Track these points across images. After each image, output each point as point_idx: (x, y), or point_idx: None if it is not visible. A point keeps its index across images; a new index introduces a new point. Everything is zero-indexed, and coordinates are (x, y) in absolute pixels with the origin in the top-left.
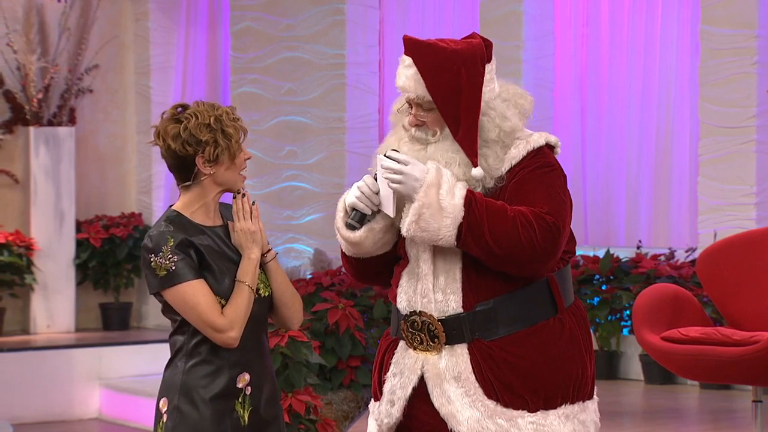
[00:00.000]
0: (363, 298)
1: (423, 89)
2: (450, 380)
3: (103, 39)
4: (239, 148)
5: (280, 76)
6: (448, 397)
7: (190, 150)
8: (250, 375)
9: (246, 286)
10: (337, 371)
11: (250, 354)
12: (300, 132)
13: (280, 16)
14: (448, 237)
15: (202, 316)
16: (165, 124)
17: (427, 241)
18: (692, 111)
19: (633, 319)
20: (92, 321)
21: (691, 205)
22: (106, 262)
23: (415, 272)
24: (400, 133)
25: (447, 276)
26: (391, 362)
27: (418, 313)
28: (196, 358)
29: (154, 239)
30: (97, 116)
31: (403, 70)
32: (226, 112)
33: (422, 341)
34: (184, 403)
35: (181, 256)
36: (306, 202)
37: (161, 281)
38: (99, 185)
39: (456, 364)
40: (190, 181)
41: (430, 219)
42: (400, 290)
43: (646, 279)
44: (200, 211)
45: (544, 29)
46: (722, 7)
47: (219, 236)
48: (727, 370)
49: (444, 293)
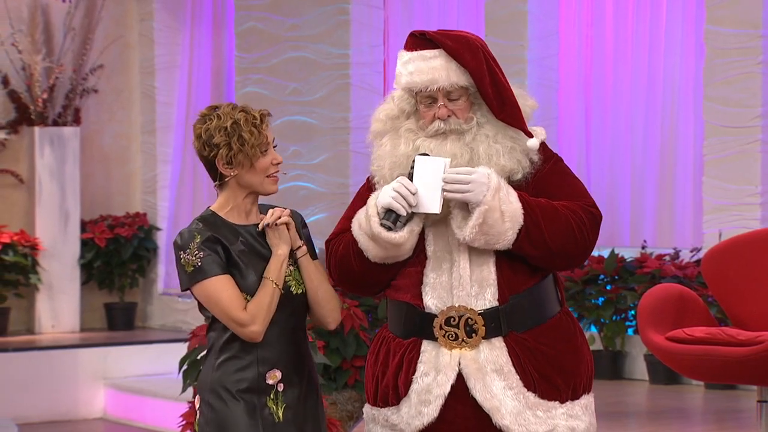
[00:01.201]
0: (368, 298)
1: (457, 75)
2: (492, 374)
3: (108, 39)
4: (258, 153)
5: (285, 76)
6: (491, 390)
7: (207, 151)
8: (282, 372)
9: (270, 281)
10: (341, 371)
11: (283, 351)
12: (304, 132)
13: (285, 16)
14: (508, 240)
15: (225, 310)
16: (195, 123)
17: (483, 244)
18: (697, 111)
19: (638, 319)
20: (97, 321)
21: (696, 205)
22: (110, 262)
23: (443, 268)
24: (407, 136)
25: (482, 269)
26: (419, 363)
27: (456, 308)
28: (226, 353)
29: (183, 237)
30: (102, 116)
31: (424, 64)
32: (251, 116)
33: (457, 337)
34: (214, 399)
35: (207, 253)
36: (311, 202)
37: (189, 277)
38: (104, 185)
39: (497, 357)
40: (218, 181)
41: (494, 223)
42: (427, 289)
43: (650, 279)
44: (234, 211)
45: (548, 29)
46: (727, 7)
47: (252, 234)
48: (732, 371)
49: (480, 286)
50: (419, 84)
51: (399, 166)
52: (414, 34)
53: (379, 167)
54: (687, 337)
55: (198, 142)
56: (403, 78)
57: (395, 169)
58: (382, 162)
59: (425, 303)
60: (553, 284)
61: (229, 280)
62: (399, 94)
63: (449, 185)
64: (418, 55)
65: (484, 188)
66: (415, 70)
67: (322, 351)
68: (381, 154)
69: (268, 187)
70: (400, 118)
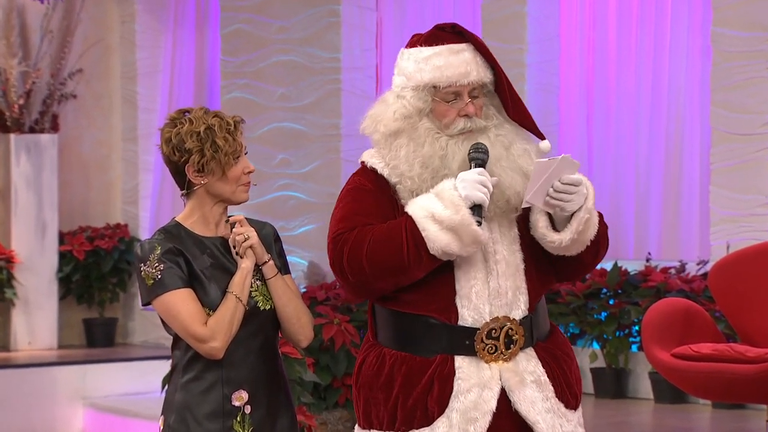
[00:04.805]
0: (359, 313)
1: (483, 71)
2: (531, 385)
3: (88, 42)
4: (231, 161)
5: (273, 80)
6: (532, 402)
7: (178, 156)
8: (249, 393)
9: (233, 295)
10: (332, 389)
11: (250, 370)
12: (293, 139)
13: (273, 18)
14: (584, 246)
15: (184, 325)
16: (163, 127)
17: (565, 248)
18: (703, 117)
19: (642, 335)
20: (75, 337)
21: (703, 216)
22: (90, 276)
23: (477, 277)
24: (430, 135)
25: (515, 276)
26: (456, 380)
27: (498, 320)
28: (190, 373)
29: (143, 248)
30: (81, 123)
31: (454, 57)
32: (224, 122)
33: (496, 349)
34: (177, 423)
35: (168, 265)
36: (300, 213)
37: (149, 291)
38: (83, 195)
39: (534, 368)
40: (185, 189)
41: (585, 230)
42: (463, 301)
43: (655, 293)
44: (200, 221)
45: (548, 31)
46: (735, 8)
47: (217, 247)
48: (741, 389)
49: (515, 294)
50: (449, 78)
51: (430, 166)
52: (440, 27)
53: (409, 167)
54: (693, 353)
55: (167, 147)
56: (426, 73)
57: (426, 170)
58: (409, 162)
59: (461, 315)
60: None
61: (190, 294)
62: (412, 92)
63: (558, 193)
64: (446, 48)
65: (582, 198)
66: (445, 63)
67: (312, 368)
68: (404, 154)
69: (240, 196)
70: (414, 117)
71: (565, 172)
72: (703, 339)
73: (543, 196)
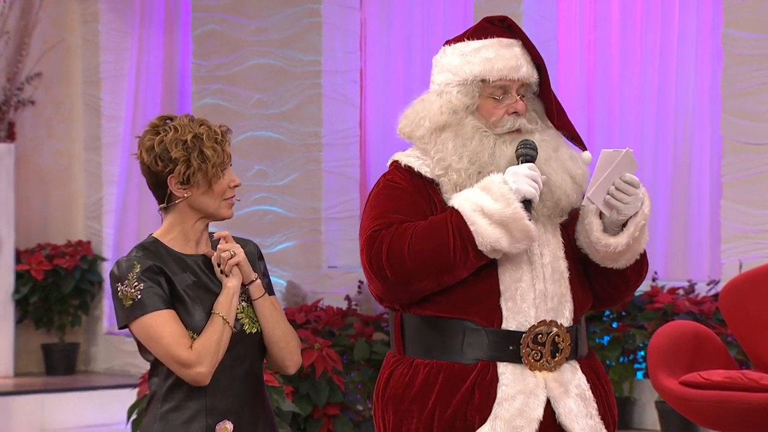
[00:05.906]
0: (342, 338)
1: (533, 70)
2: (576, 398)
3: (47, 44)
4: (219, 173)
5: (248, 85)
6: (576, 415)
7: (161, 166)
8: (235, 423)
9: (219, 317)
10: (312, 420)
11: (235, 399)
12: (271, 149)
13: (249, 18)
14: (637, 255)
15: (167, 348)
16: (144, 135)
17: (616, 256)
18: (714, 126)
19: (648, 361)
20: (33, 364)
21: (714, 232)
22: (49, 298)
23: (523, 279)
24: (478, 132)
25: (560, 283)
26: (499, 386)
27: (546, 323)
28: (171, 402)
29: (121, 267)
30: (40, 131)
31: (506, 51)
32: (212, 131)
33: (541, 356)
34: None
35: (148, 284)
36: (278, 229)
37: (127, 313)
38: (41, 210)
39: (579, 381)
40: (165, 203)
41: (644, 235)
42: (509, 303)
43: (662, 315)
44: (180, 237)
45: (546, 33)
46: (747, 9)
47: (199, 265)
48: (755, 420)
49: (560, 300)
50: (500, 71)
51: (477, 161)
52: (489, 20)
53: (458, 158)
54: (703, 381)
55: (148, 156)
56: (475, 66)
57: (474, 165)
58: (458, 154)
59: (505, 318)
60: None
61: (173, 316)
62: (458, 88)
63: (618, 192)
64: (496, 41)
65: (638, 202)
66: (496, 56)
67: (291, 397)
68: (452, 147)
69: (224, 211)
70: (461, 112)
71: (626, 170)
72: (714, 365)
73: (603, 194)
